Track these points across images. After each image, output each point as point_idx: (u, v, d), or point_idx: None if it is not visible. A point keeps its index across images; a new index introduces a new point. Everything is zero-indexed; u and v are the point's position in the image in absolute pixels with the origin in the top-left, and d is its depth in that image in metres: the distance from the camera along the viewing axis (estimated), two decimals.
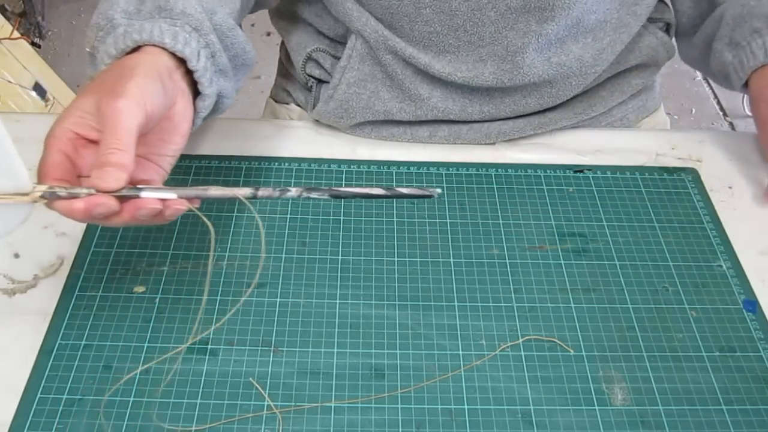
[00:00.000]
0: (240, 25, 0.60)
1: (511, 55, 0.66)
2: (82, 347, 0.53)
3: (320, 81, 0.72)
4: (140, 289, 0.57)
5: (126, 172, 0.42)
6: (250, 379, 0.52)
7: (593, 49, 0.68)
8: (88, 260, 0.59)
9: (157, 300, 0.56)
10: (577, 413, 0.51)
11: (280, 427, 0.49)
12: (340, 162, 0.69)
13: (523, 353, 0.54)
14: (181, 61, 0.51)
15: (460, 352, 0.54)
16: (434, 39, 0.65)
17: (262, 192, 0.46)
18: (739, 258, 0.62)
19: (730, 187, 0.70)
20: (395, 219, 0.64)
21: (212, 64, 0.53)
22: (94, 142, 0.45)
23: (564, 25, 0.65)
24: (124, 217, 0.44)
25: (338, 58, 0.69)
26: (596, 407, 0.51)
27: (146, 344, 0.53)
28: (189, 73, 0.52)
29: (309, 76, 0.73)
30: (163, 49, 0.49)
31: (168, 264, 0.59)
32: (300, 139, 0.72)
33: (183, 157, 0.68)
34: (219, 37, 0.55)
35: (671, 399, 0.52)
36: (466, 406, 0.51)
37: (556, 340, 0.55)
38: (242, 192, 0.46)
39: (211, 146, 0.60)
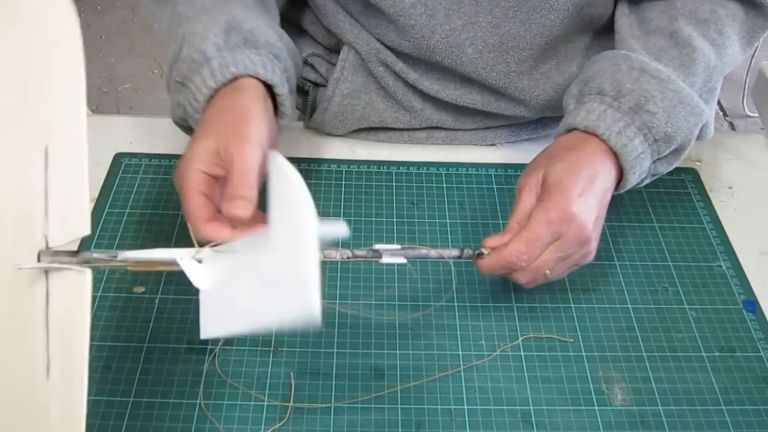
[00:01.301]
0: None
1: (495, 90, 0.66)
2: None
3: (316, 84, 0.72)
4: (140, 289, 0.57)
5: (252, 204, 0.47)
6: (251, 379, 0.52)
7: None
8: None
9: (157, 300, 0.56)
10: (577, 413, 0.51)
11: (281, 427, 0.49)
12: (339, 162, 0.69)
13: (522, 353, 0.54)
14: (267, 86, 0.55)
15: (460, 353, 0.54)
16: (421, 60, 0.65)
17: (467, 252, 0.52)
18: (739, 258, 0.62)
19: (730, 187, 0.70)
20: (395, 219, 0.64)
21: (289, 86, 0.58)
22: (218, 178, 0.49)
23: (542, 60, 0.64)
24: None
25: (333, 64, 0.69)
26: (596, 407, 0.51)
27: (146, 344, 0.53)
28: (272, 95, 0.56)
29: (305, 80, 0.73)
30: (256, 77, 0.54)
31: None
32: (299, 140, 0.72)
33: None
34: (291, 60, 0.59)
35: (671, 399, 0.52)
36: (466, 406, 0.51)
37: (555, 336, 0.55)
38: (451, 253, 0.52)
39: None
